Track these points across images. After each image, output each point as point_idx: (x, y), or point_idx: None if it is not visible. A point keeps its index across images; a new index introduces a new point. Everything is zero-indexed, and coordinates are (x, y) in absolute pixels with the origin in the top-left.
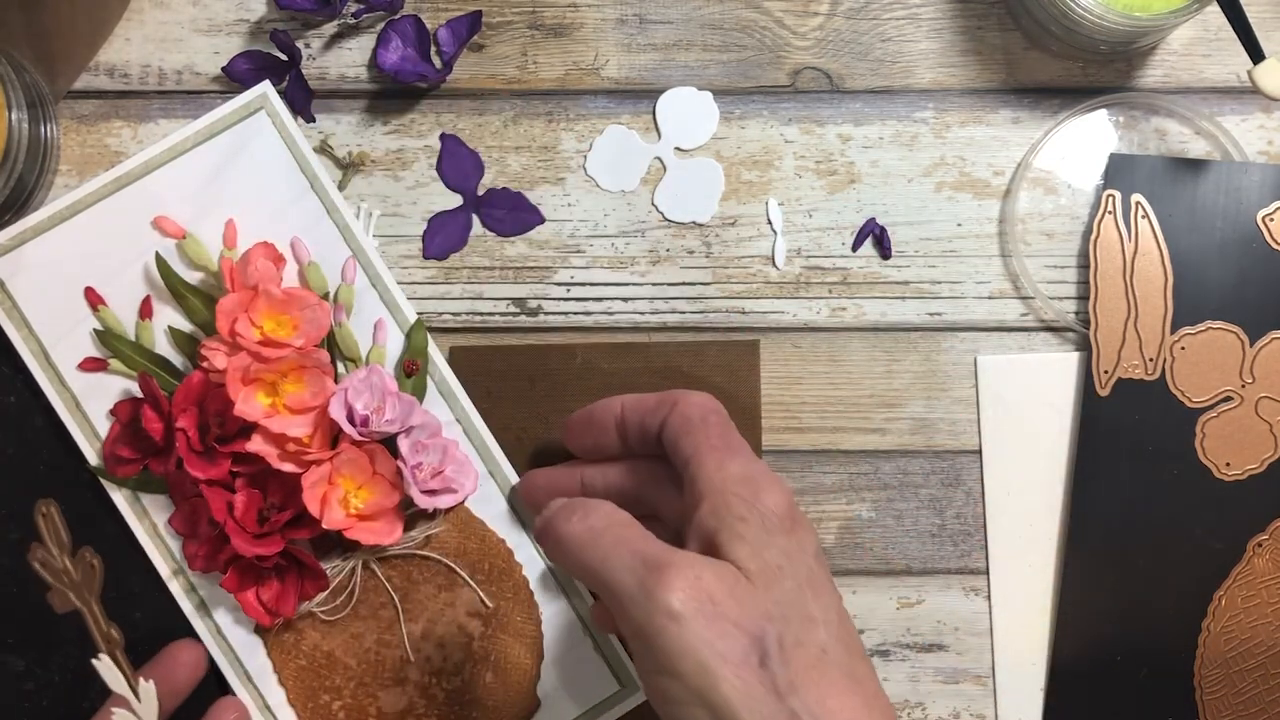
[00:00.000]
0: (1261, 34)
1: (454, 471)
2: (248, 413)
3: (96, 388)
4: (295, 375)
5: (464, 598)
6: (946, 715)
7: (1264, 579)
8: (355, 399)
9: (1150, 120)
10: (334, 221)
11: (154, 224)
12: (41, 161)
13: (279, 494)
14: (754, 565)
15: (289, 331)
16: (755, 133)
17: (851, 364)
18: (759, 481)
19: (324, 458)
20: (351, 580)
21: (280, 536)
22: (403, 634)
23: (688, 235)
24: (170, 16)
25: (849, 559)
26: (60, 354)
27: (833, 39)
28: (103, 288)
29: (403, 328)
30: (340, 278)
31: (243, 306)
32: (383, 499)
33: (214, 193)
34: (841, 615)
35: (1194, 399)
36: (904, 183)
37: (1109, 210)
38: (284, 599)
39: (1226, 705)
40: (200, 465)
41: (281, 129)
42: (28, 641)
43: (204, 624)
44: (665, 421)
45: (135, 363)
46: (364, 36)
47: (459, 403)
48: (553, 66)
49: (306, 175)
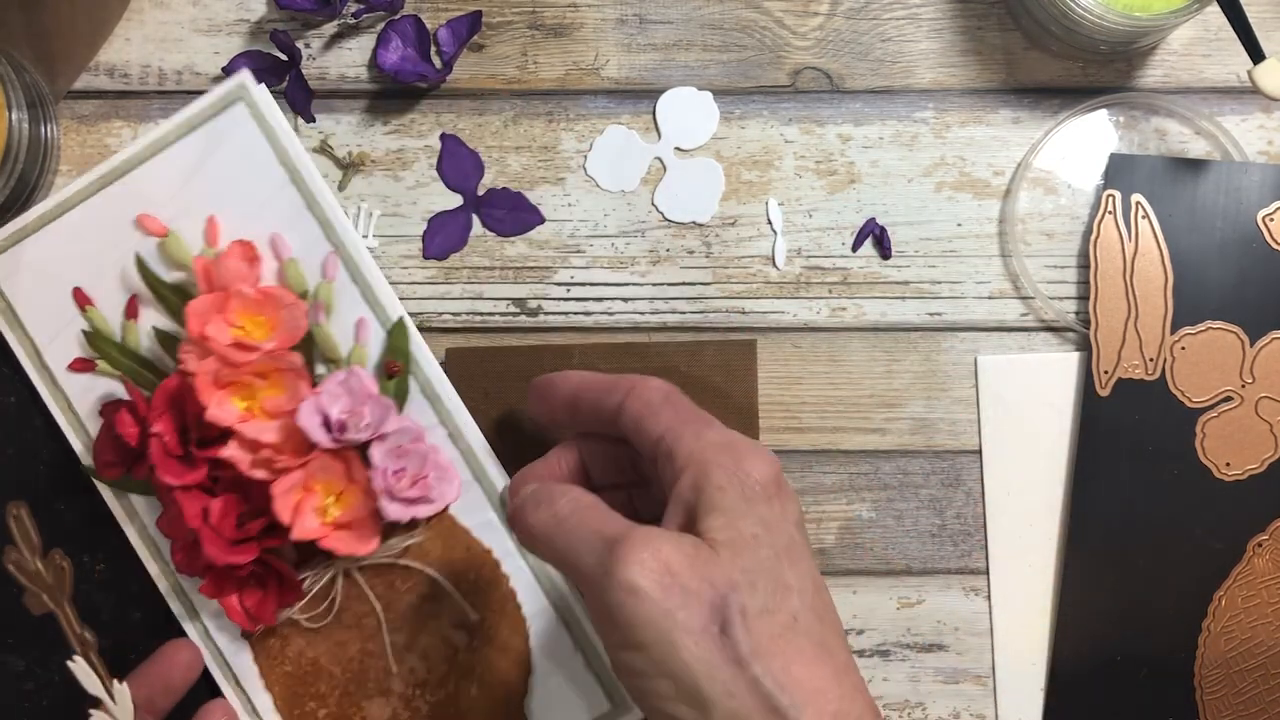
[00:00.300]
0: (1261, 34)
1: (435, 479)
2: (220, 418)
3: (88, 388)
4: (274, 378)
5: (448, 608)
6: (946, 715)
7: (1264, 579)
8: (331, 404)
9: (1150, 120)
10: (315, 216)
11: (136, 223)
12: (42, 161)
13: (260, 500)
14: (724, 535)
15: (265, 332)
16: (755, 133)
17: (851, 364)
18: (739, 449)
19: (293, 465)
20: (332, 588)
21: (256, 545)
22: (385, 643)
23: (688, 235)
24: (170, 16)
25: (849, 559)
26: (53, 355)
27: (833, 39)
28: (91, 288)
29: (385, 326)
30: (321, 274)
31: (215, 308)
32: (359, 507)
33: (195, 188)
34: (818, 585)
35: (1194, 399)
36: (904, 183)
37: (1109, 210)
38: (264, 606)
39: (1226, 705)
40: (175, 470)
41: (260, 120)
42: (28, 641)
43: (193, 626)
44: (622, 406)
45: (120, 364)
46: (364, 36)
47: (444, 405)
48: (553, 66)
49: (287, 168)
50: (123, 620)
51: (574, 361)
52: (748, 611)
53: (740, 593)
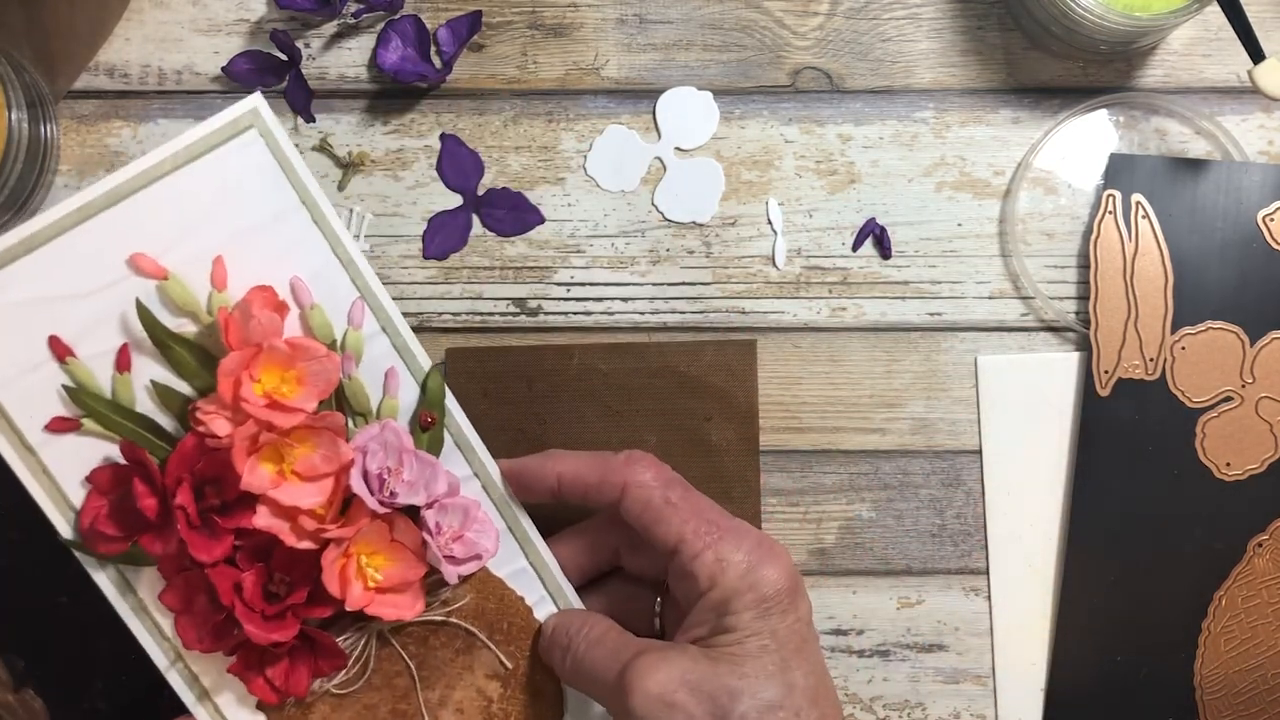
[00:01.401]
0: (1261, 34)
1: (475, 534)
2: (254, 485)
3: (69, 452)
4: (301, 436)
5: (482, 660)
6: (946, 715)
7: (1264, 579)
8: (370, 461)
9: (1150, 120)
10: (338, 257)
11: (129, 262)
12: (41, 161)
13: (284, 566)
14: (738, 650)
15: (294, 387)
16: (755, 133)
17: (851, 364)
18: (756, 569)
19: (346, 536)
20: (365, 651)
21: (295, 617)
22: (420, 702)
23: (688, 235)
24: (170, 16)
25: (849, 559)
26: (22, 413)
27: (833, 39)
28: (70, 336)
29: (416, 376)
30: (347, 322)
31: (244, 365)
32: (405, 570)
33: (199, 226)
34: (821, 675)
35: (1194, 399)
36: (904, 183)
37: (1109, 210)
38: (295, 678)
39: (1226, 705)
40: (204, 545)
41: (275, 149)
42: (28, 641)
43: (203, 708)
44: (622, 506)
45: (114, 424)
46: (364, 36)
47: (477, 456)
48: (553, 66)
49: (306, 204)
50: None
51: (574, 362)
52: (747, 716)
53: (741, 701)
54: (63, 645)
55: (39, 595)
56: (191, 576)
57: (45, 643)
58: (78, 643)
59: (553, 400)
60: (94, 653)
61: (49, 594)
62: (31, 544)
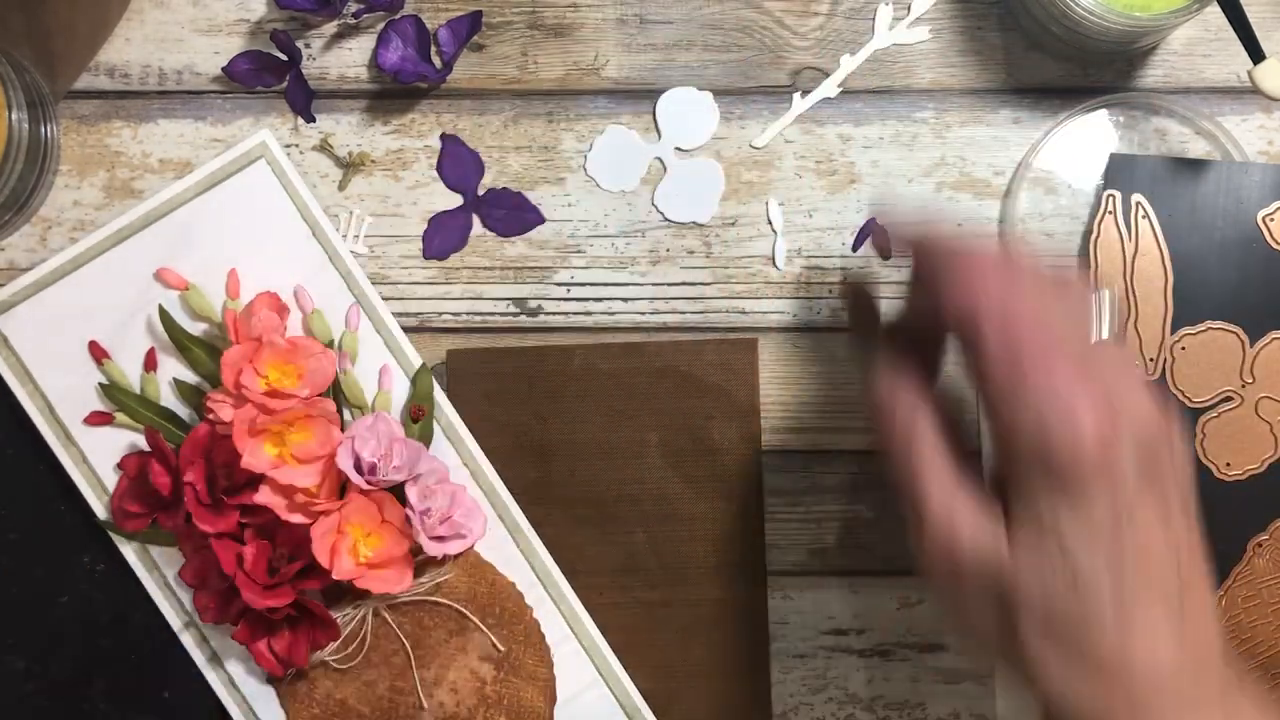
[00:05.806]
0: (1261, 34)
1: (462, 517)
2: (255, 465)
3: (104, 442)
4: (301, 425)
5: (475, 642)
6: (946, 715)
7: (1264, 579)
8: (362, 447)
9: (1150, 120)
10: (336, 269)
11: (156, 276)
12: (41, 162)
13: (288, 544)
14: (1021, 533)
15: (294, 381)
16: (755, 133)
17: (851, 364)
18: (1050, 433)
19: (332, 508)
20: (362, 628)
21: (291, 587)
22: (415, 680)
23: (688, 235)
24: (170, 16)
25: (849, 559)
26: (66, 409)
27: (833, 39)
28: (107, 341)
29: (407, 373)
30: (344, 325)
31: (247, 358)
32: (392, 546)
33: (216, 243)
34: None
35: (1194, 399)
36: (904, 183)
37: (1109, 210)
38: (296, 649)
39: None
40: (209, 518)
41: (281, 176)
42: (28, 641)
43: (216, 675)
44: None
45: (141, 416)
46: (364, 36)
47: (466, 447)
48: (553, 66)
49: (308, 222)
50: (123, 621)
51: (575, 362)
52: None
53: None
54: (63, 645)
55: (39, 595)
56: (207, 556)
57: (45, 643)
58: (78, 642)
59: (554, 400)
60: (94, 652)
61: (49, 594)
62: (31, 544)
